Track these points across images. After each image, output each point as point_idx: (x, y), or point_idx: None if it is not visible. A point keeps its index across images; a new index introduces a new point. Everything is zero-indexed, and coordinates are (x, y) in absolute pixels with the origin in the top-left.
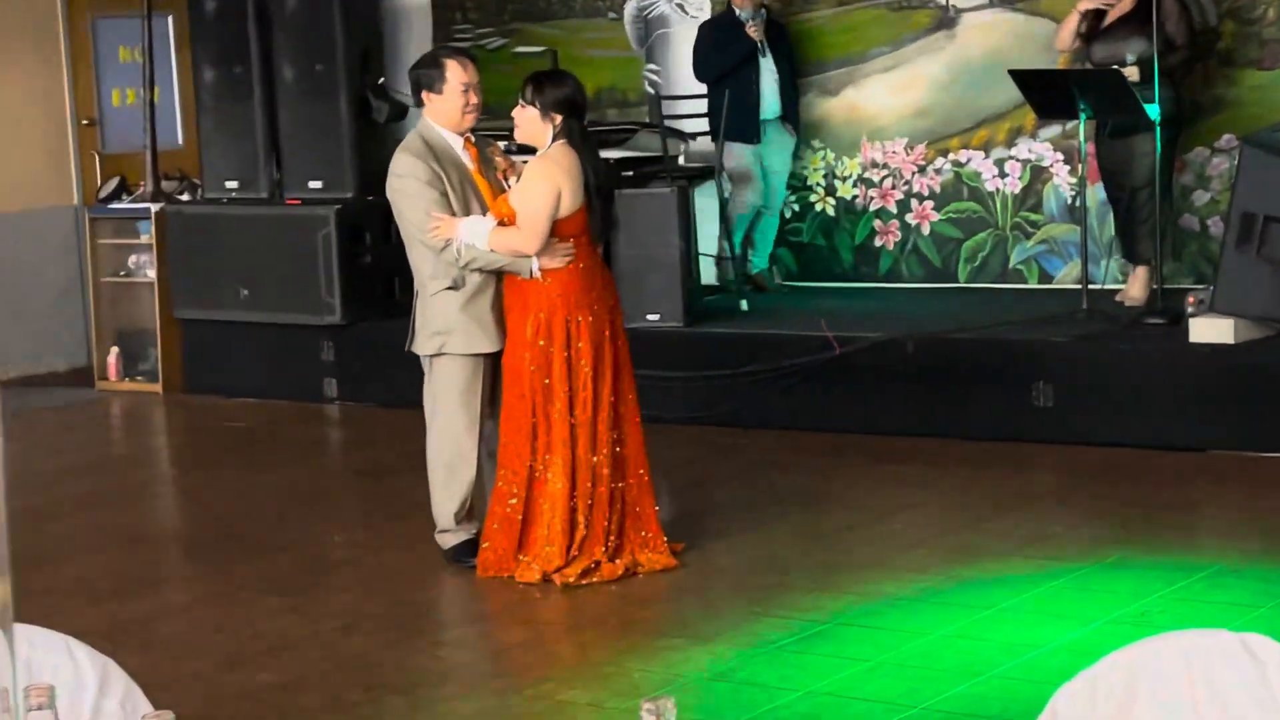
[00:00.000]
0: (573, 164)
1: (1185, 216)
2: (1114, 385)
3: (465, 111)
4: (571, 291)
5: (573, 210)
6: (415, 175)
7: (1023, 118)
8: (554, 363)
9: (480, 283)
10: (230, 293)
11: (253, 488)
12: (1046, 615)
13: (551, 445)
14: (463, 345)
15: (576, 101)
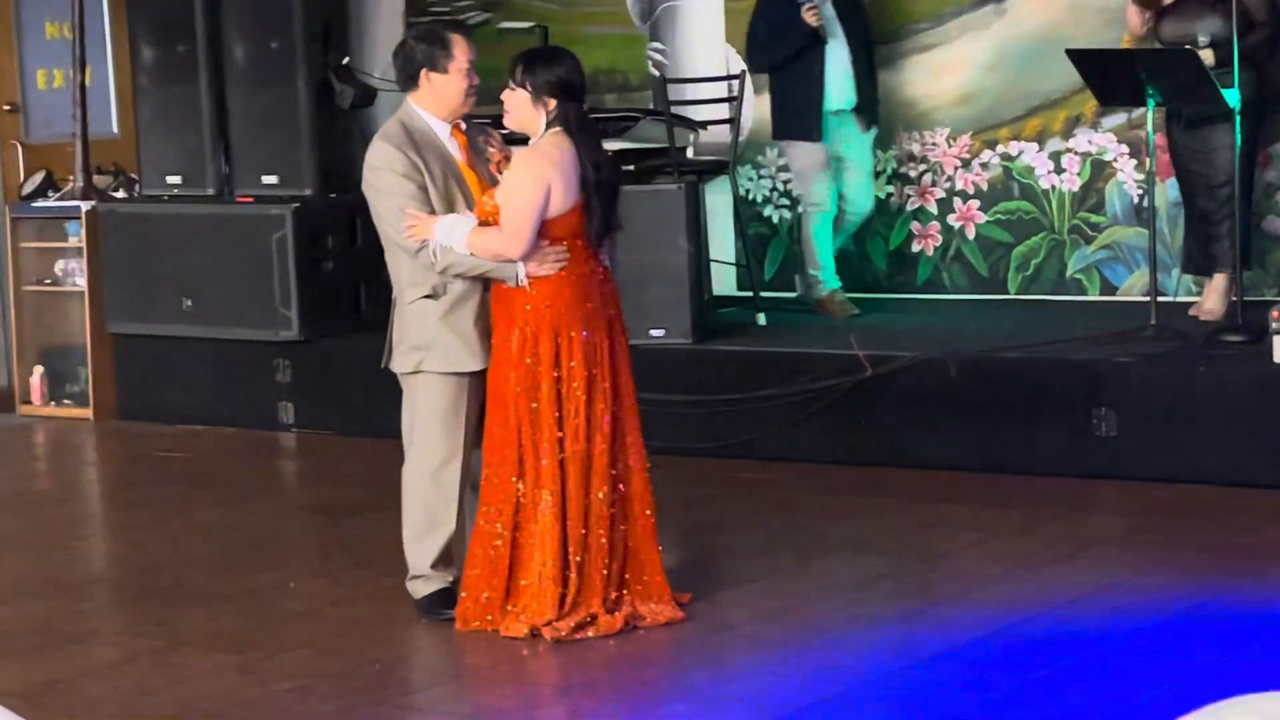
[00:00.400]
0: (566, 156)
1: (1269, 219)
2: (1186, 412)
3: (467, 94)
4: (562, 303)
5: (565, 209)
6: (391, 166)
7: (1082, 105)
8: (542, 384)
9: (463, 291)
10: (172, 304)
11: (196, 528)
12: (1111, 677)
13: (540, 479)
14: (443, 362)
15: (573, 83)
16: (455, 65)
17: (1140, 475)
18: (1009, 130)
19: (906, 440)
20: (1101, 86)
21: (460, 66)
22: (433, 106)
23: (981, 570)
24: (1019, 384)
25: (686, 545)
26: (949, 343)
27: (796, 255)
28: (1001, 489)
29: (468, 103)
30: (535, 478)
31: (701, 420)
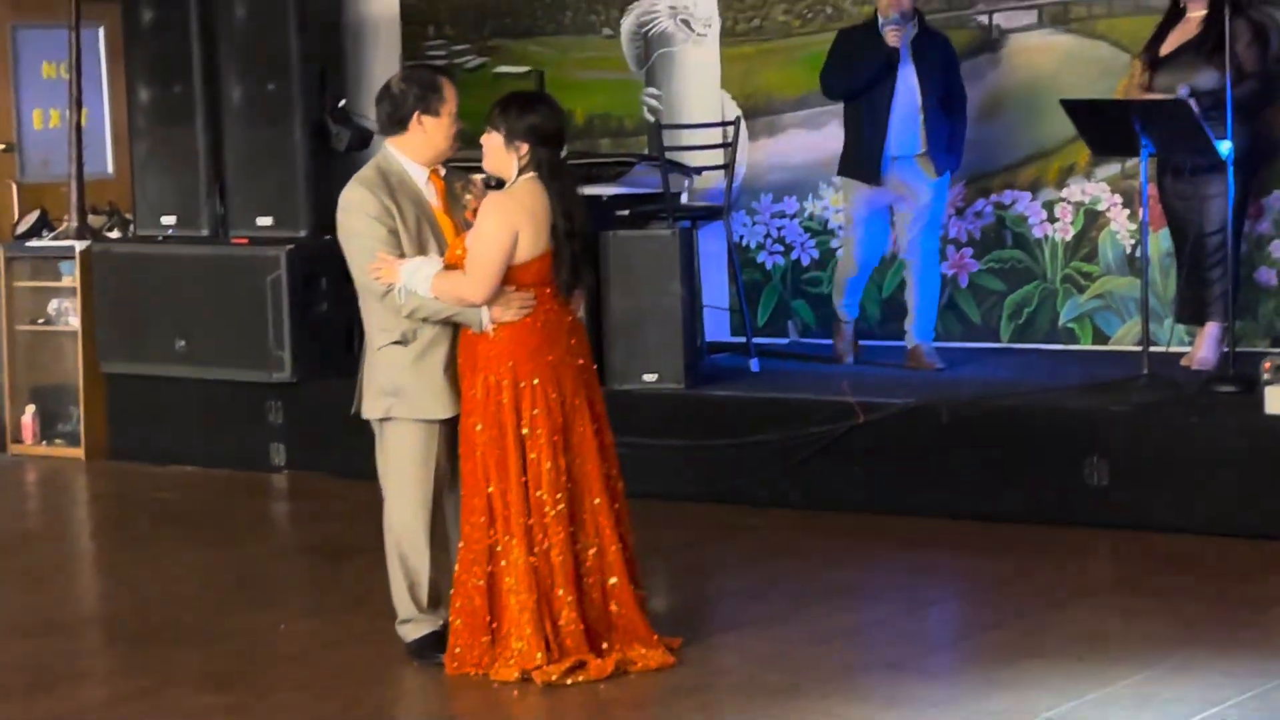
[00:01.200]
0: (537, 202)
1: (1261, 270)
2: (1178, 462)
3: (452, 140)
4: (525, 350)
5: (533, 255)
6: (363, 209)
7: (1076, 154)
8: (507, 432)
9: (433, 337)
10: (165, 344)
11: (187, 568)
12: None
13: (511, 527)
14: (411, 409)
15: (547, 129)
16: (447, 109)
17: (1132, 524)
18: (1003, 179)
19: (898, 487)
20: (1095, 136)
21: (450, 110)
22: (416, 151)
23: (973, 618)
24: (1012, 432)
25: (678, 590)
26: (941, 390)
27: (788, 301)
28: (993, 537)
29: (453, 147)
30: (506, 524)
31: (694, 465)
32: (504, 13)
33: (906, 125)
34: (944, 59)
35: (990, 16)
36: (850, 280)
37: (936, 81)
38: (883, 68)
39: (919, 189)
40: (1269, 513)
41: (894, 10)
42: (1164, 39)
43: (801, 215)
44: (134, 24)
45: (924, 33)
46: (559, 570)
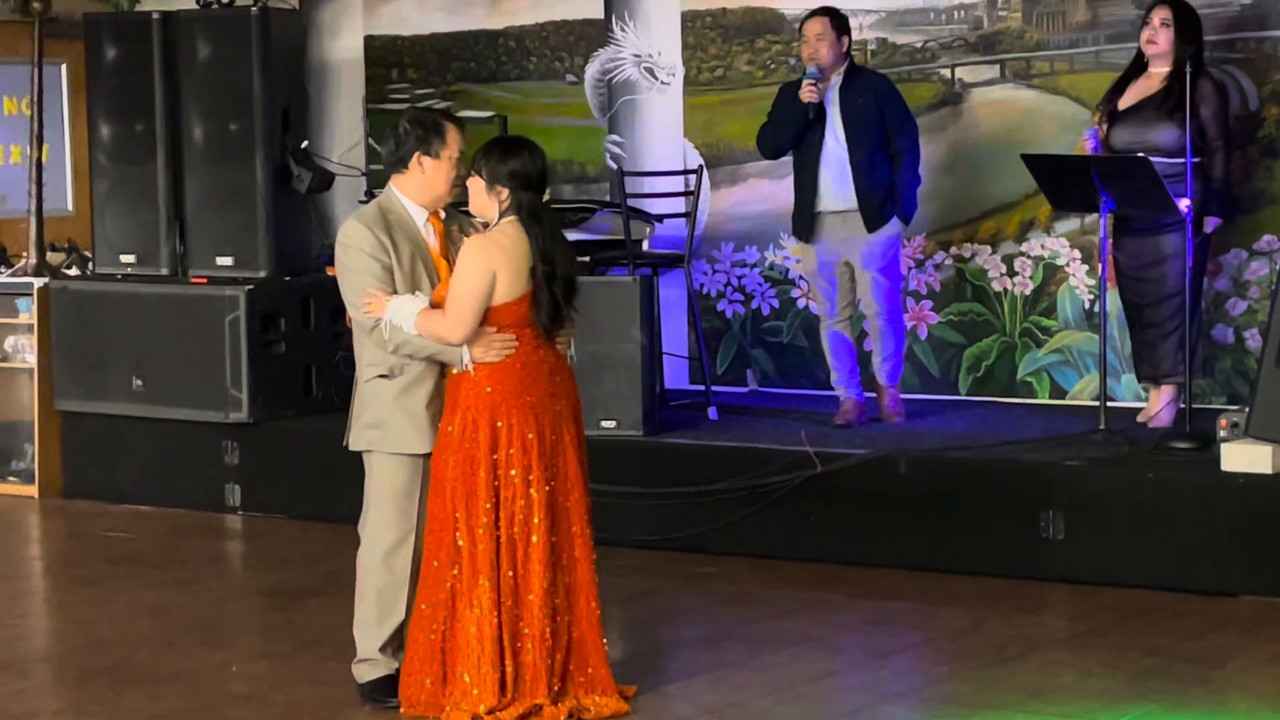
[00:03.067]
0: (516, 245)
1: (1219, 327)
2: (1134, 517)
3: (453, 184)
4: (503, 390)
5: (511, 297)
6: (359, 244)
7: (1036, 209)
8: (479, 469)
9: (419, 372)
10: (122, 383)
11: (139, 608)
12: None
13: (477, 565)
14: (393, 443)
15: (528, 174)
16: (447, 153)
17: (1088, 578)
18: (963, 232)
19: (855, 537)
20: (1056, 191)
21: (451, 155)
22: (415, 191)
23: (928, 669)
24: (969, 484)
25: (634, 637)
26: (899, 441)
27: (747, 350)
28: (949, 588)
29: (453, 192)
30: (471, 564)
31: (651, 512)
32: (468, 57)
33: (837, 179)
34: (880, 103)
35: (953, 70)
36: (833, 339)
37: (868, 131)
38: (805, 124)
39: (857, 243)
40: (1223, 569)
41: (811, 64)
42: (1123, 92)
43: (762, 265)
44: (97, 61)
45: (852, 78)
46: (528, 607)
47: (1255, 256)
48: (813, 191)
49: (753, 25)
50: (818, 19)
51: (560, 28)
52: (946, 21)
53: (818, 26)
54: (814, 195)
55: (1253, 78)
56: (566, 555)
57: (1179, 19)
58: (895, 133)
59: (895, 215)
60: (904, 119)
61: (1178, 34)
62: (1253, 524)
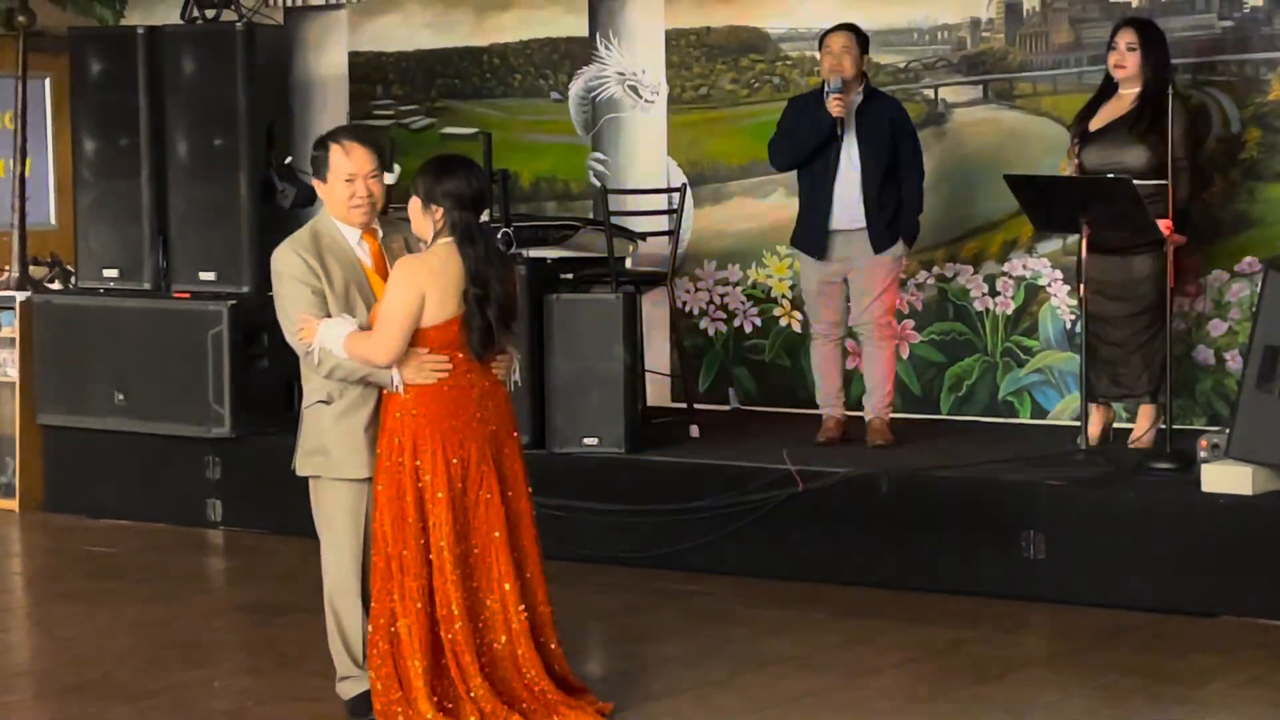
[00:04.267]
0: (446, 266)
1: (1200, 348)
2: (1115, 538)
3: (351, 205)
4: (429, 414)
5: (440, 319)
6: (289, 271)
7: (1018, 229)
8: (406, 493)
9: (357, 397)
10: (104, 397)
11: (120, 624)
12: None
13: (405, 588)
14: (332, 468)
15: (463, 194)
16: (333, 174)
17: (1068, 599)
18: (945, 252)
19: (837, 556)
20: (1038, 212)
21: (339, 175)
22: (332, 212)
23: (910, 689)
24: (950, 504)
25: (615, 655)
26: (881, 460)
27: (730, 368)
28: (930, 608)
29: (354, 212)
30: (401, 586)
31: (633, 530)
32: (452, 74)
33: (849, 198)
34: (892, 125)
35: (936, 91)
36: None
37: (881, 152)
38: (826, 138)
39: (863, 264)
40: (1204, 589)
41: (835, 77)
42: (1094, 113)
43: (744, 283)
44: (82, 76)
45: (870, 100)
46: (459, 637)
47: (1236, 278)
48: (826, 208)
49: (736, 44)
50: (842, 33)
51: (545, 45)
52: (930, 42)
53: (843, 39)
54: (827, 212)
55: (1234, 100)
56: (494, 580)
57: (1145, 41)
58: (906, 161)
59: (900, 238)
60: (913, 145)
61: (1144, 55)
62: (1233, 545)
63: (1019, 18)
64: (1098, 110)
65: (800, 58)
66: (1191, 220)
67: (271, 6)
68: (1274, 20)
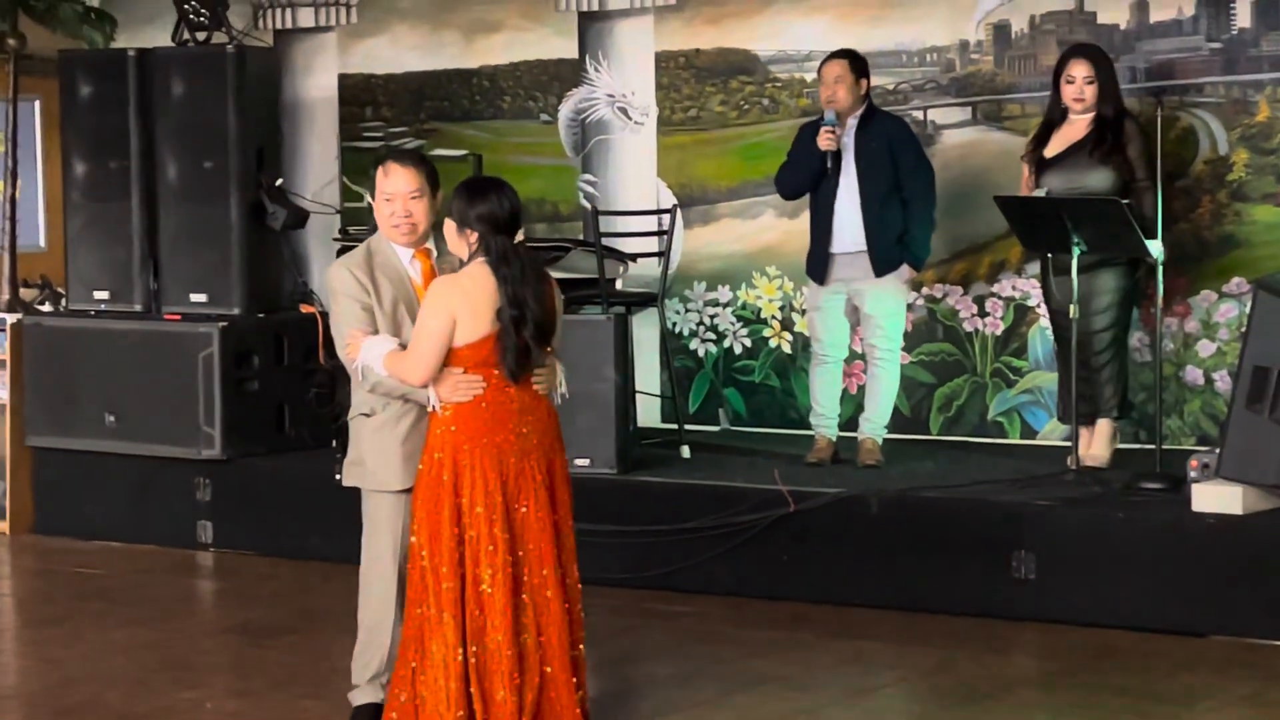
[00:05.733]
0: (480, 287)
1: (1188, 368)
2: (1104, 558)
3: (391, 224)
4: (467, 430)
5: (471, 340)
6: (342, 287)
7: (1007, 250)
8: (443, 509)
9: (398, 411)
10: (95, 419)
11: (110, 646)
12: None
13: (442, 603)
14: (373, 480)
15: (497, 216)
16: (377, 194)
17: (1059, 618)
18: (934, 273)
19: (828, 576)
20: (1027, 233)
21: (381, 195)
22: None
23: (903, 709)
24: (940, 524)
25: (606, 675)
26: (871, 481)
27: (719, 389)
28: (921, 628)
29: (394, 231)
30: (437, 601)
31: (624, 550)
32: (441, 96)
33: (849, 222)
34: (891, 143)
35: (925, 112)
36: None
37: (879, 174)
38: (821, 167)
39: (864, 285)
40: (1195, 609)
41: (829, 110)
42: (1047, 141)
43: (734, 304)
44: (72, 98)
45: (868, 121)
46: (493, 655)
47: (1225, 299)
48: (826, 232)
49: (726, 66)
50: (836, 61)
51: (534, 67)
52: (919, 64)
53: (836, 69)
54: (828, 236)
55: (1222, 122)
56: (534, 593)
57: (1099, 71)
58: (908, 178)
59: (905, 262)
60: (917, 164)
61: (1101, 85)
62: (1223, 565)
63: (1007, 40)
64: (1050, 138)
65: (789, 80)
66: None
67: (261, 29)
68: (1261, 42)
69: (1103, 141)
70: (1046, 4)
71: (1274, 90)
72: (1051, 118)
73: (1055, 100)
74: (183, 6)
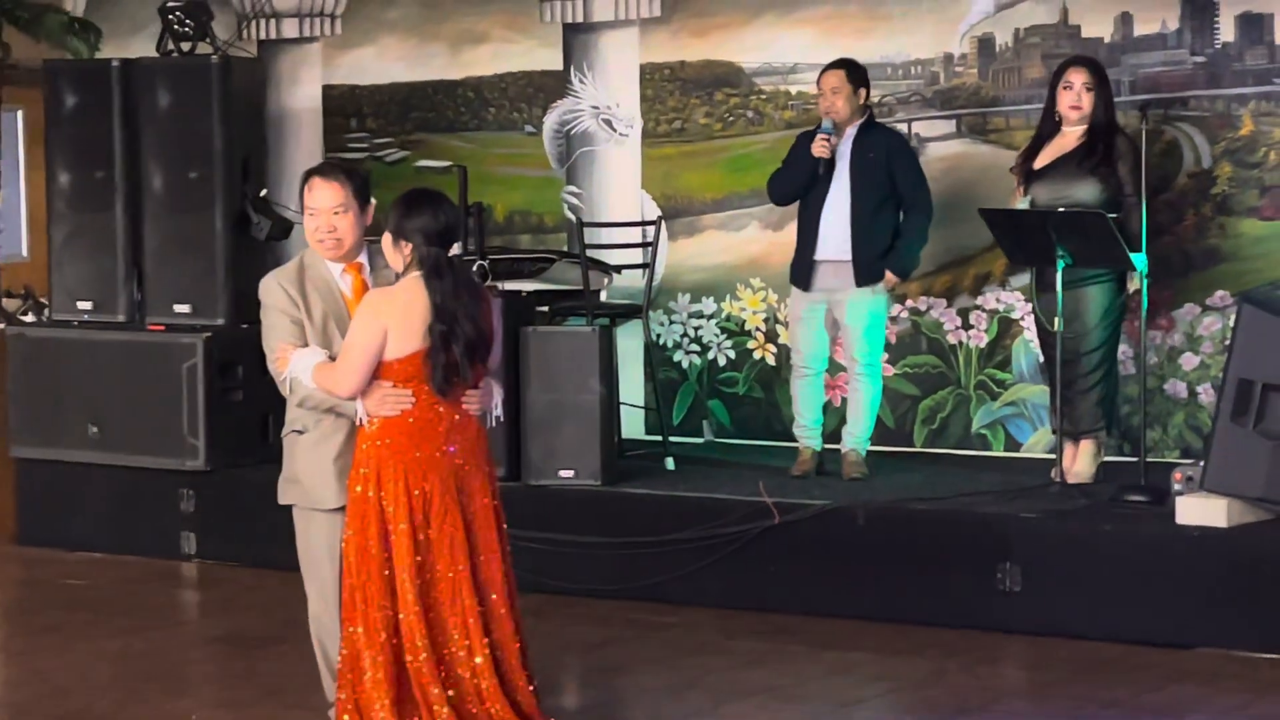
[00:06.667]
0: (413, 300)
1: (1172, 381)
2: (1090, 570)
3: (315, 239)
4: (393, 445)
5: (404, 354)
6: (272, 300)
7: (992, 263)
8: (370, 524)
9: (329, 427)
10: (78, 430)
11: (95, 657)
12: None
13: (368, 620)
14: (307, 497)
15: (430, 229)
16: (305, 207)
17: (1045, 630)
18: (919, 285)
19: (814, 588)
20: (1012, 246)
21: (307, 209)
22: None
23: None
24: (925, 536)
25: (595, 687)
26: (857, 493)
27: (704, 401)
28: (907, 639)
29: (320, 245)
30: (365, 618)
31: (609, 562)
32: (426, 107)
33: (837, 230)
34: (890, 160)
35: (909, 125)
36: (802, 388)
37: (874, 184)
38: (813, 174)
39: (845, 295)
40: (1179, 621)
41: (826, 118)
42: (1037, 153)
43: (719, 316)
44: (56, 109)
45: (867, 132)
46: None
47: (1208, 312)
48: (812, 239)
49: (711, 78)
50: (835, 71)
51: (519, 79)
52: (903, 76)
53: (834, 79)
54: (813, 243)
55: (1206, 135)
56: (459, 614)
57: (1099, 80)
58: (909, 190)
59: (889, 267)
60: (915, 178)
61: (1098, 94)
62: (1208, 577)
63: (991, 53)
64: (1041, 149)
65: (774, 92)
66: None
67: (246, 40)
68: (1245, 56)
69: (1093, 153)
70: (1031, 17)
71: (1258, 104)
72: (1042, 131)
73: (1048, 111)
74: (167, 17)
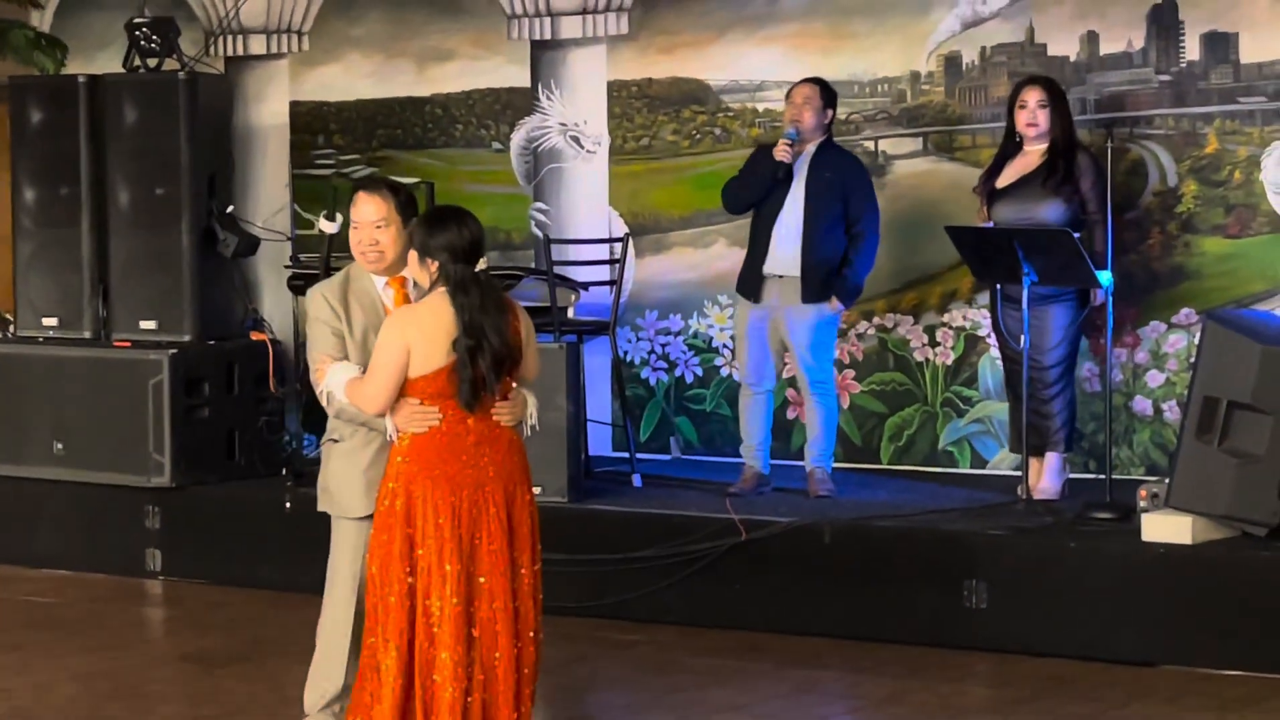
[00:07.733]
0: (437, 316)
1: (1138, 399)
2: (1056, 587)
3: (357, 251)
4: (420, 461)
5: (427, 370)
6: (315, 312)
7: (958, 280)
8: (395, 538)
9: (364, 438)
10: (42, 446)
11: (61, 675)
12: None
13: (388, 634)
14: (337, 506)
15: (456, 245)
16: (351, 220)
17: (1010, 648)
18: (885, 302)
19: (780, 605)
20: (978, 263)
21: (352, 222)
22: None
23: None
24: (892, 553)
25: (561, 705)
26: (823, 510)
27: (671, 418)
28: (873, 657)
29: (362, 259)
30: (384, 630)
31: (576, 579)
32: (394, 124)
33: (787, 245)
34: (846, 181)
35: (876, 143)
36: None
37: (827, 204)
38: (772, 183)
39: (791, 312)
40: (1145, 638)
41: (792, 125)
42: (1000, 172)
43: (686, 333)
44: (22, 124)
45: (826, 151)
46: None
47: (1174, 330)
48: (763, 252)
49: (679, 96)
50: (808, 84)
51: (486, 96)
52: (870, 94)
53: (807, 90)
54: (763, 256)
55: (1171, 154)
56: (486, 628)
57: (1054, 98)
58: (856, 215)
59: (834, 293)
60: (866, 203)
61: (1053, 111)
62: (1173, 594)
63: (958, 71)
64: (1003, 168)
65: (742, 109)
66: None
67: (213, 56)
68: (1210, 75)
69: (1054, 172)
70: (997, 36)
71: (1223, 123)
72: (1005, 150)
73: (1009, 131)
74: (134, 33)
